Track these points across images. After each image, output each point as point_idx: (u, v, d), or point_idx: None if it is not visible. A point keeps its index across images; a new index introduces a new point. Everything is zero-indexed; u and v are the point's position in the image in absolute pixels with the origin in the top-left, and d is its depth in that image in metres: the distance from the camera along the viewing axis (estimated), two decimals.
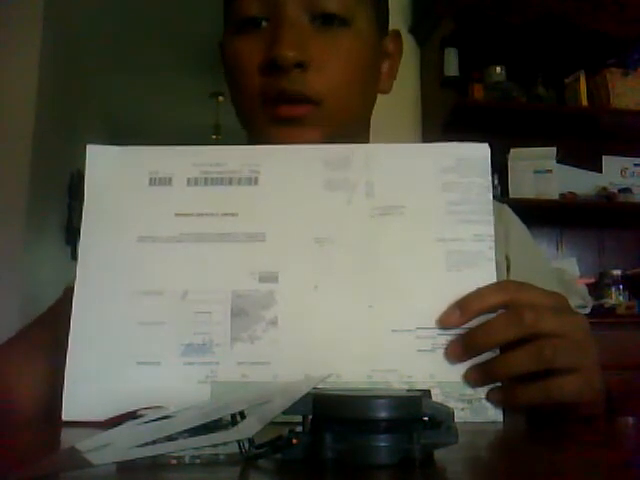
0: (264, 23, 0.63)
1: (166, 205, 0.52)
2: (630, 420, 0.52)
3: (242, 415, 0.33)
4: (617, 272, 2.50)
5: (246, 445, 0.31)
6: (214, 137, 4.81)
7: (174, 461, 0.31)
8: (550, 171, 2.46)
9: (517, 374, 0.46)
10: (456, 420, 0.32)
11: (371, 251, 0.50)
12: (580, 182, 2.53)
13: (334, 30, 0.63)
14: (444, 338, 0.48)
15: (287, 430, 0.31)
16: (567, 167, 2.51)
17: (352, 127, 0.66)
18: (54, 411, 0.48)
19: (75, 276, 0.51)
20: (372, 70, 0.68)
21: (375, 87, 0.70)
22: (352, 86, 0.64)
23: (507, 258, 0.70)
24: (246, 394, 0.38)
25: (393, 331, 0.48)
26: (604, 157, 2.61)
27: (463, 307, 0.48)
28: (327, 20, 0.63)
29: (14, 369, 0.59)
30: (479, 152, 0.53)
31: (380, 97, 0.72)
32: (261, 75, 0.62)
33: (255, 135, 0.65)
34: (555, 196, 2.45)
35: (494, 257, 0.50)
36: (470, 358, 0.47)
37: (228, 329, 0.49)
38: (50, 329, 0.55)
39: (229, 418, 0.33)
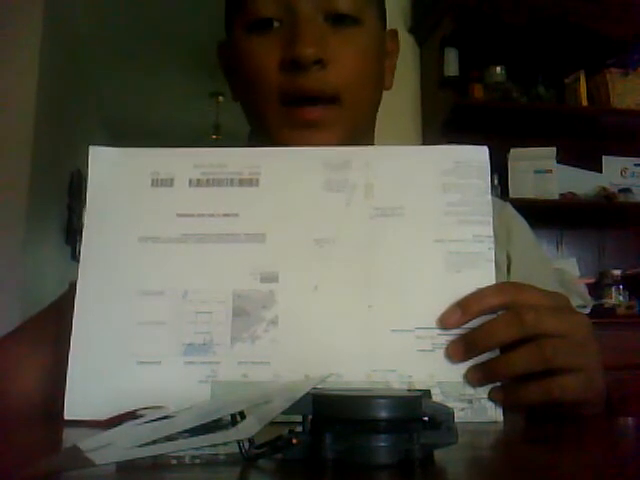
0: (276, 24, 0.63)
1: (167, 206, 0.52)
2: (630, 420, 0.52)
3: (242, 415, 0.33)
4: (617, 272, 2.50)
5: (246, 445, 0.31)
6: (214, 137, 4.81)
7: (174, 461, 0.31)
8: (550, 171, 2.46)
9: (518, 374, 0.46)
10: (456, 420, 0.32)
11: (371, 252, 0.50)
12: (580, 182, 2.53)
13: (347, 29, 0.64)
14: (444, 338, 0.48)
15: (287, 430, 0.31)
16: (567, 167, 2.51)
17: (366, 125, 0.68)
18: (56, 404, 0.48)
19: (78, 274, 0.51)
20: (381, 67, 0.70)
21: (382, 84, 0.71)
22: (367, 82, 0.66)
23: (508, 256, 0.70)
24: (246, 394, 0.38)
25: (393, 331, 0.49)
26: (604, 157, 2.61)
27: (464, 307, 0.48)
28: (339, 19, 0.64)
29: (16, 363, 0.59)
30: (478, 154, 0.53)
31: None
32: (279, 73, 0.62)
33: (267, 136, 0.65)
34: (555, 196, 2.45)
35: (493, 258, 0.50)
36: (471, 358, 0.47)
37: (229, 329, 0.49)
38: (54, 323, 0.55)
39: (229, 418, 0.33)
